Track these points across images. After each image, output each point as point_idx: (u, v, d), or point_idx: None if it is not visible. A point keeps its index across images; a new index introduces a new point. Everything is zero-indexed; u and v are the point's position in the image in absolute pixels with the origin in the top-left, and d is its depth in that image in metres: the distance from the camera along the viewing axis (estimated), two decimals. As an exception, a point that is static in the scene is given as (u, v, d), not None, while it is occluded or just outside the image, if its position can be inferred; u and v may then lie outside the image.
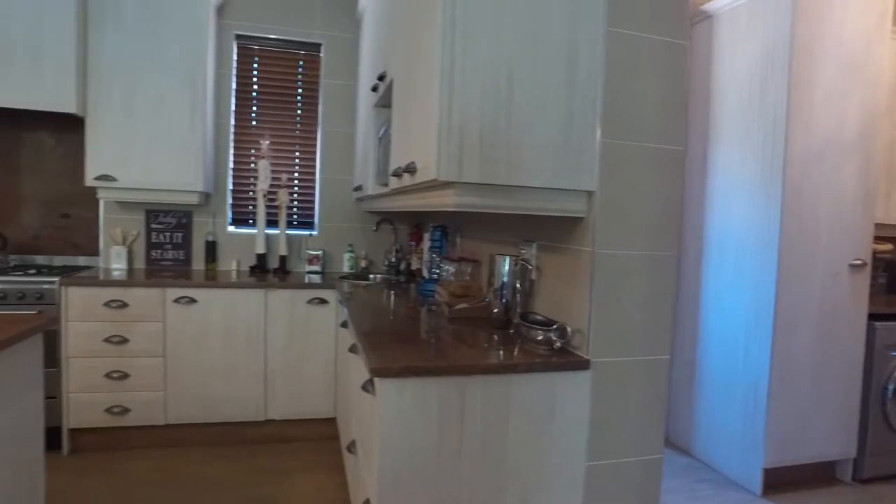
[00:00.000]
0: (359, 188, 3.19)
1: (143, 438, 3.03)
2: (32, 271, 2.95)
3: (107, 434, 2.99)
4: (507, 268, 1.98)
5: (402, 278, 3.43)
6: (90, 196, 3.38)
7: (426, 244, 3.07)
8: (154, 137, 3.13)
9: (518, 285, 1.98)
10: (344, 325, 2.47)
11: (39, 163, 3.37)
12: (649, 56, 1.65)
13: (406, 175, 1.84)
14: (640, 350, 1.69)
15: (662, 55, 1.66)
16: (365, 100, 3.15)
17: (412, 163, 1.74)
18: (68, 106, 2.94)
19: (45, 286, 2.83)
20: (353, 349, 2.04)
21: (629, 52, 1.63)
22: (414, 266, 3.50)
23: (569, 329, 1.70)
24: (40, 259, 3.36)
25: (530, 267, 1.98)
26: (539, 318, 1.88)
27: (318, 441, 3.20)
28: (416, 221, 3.71)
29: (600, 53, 1.61)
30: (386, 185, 2.43)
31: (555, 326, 1.72)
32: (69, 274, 2.96)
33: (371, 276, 3.56)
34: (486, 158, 1.53)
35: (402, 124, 2.00)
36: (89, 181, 3.08)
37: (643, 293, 1.68)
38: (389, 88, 2.34)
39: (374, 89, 2.62)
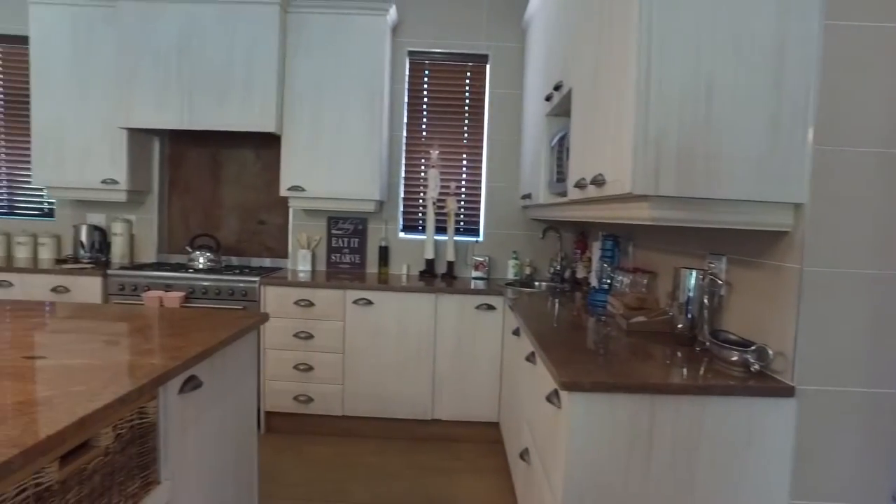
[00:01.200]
0: (527, 196, 3.22)
1: (324, 426, 3.31)
2: (237, 271, 3.37)
3: (294, 419, 3.31)
4: (693, 282, 1.88)
5: (568, 287, 3.39)
6: (281, 204, 3.78)
7: (595, 253, 3.01)
8: (337, 151, 3.42)
9: (705, 301, 1.87)
10: (516, 332, 2.51)
11: (242, 176, 3.83)
12: (876, 48, 1.47)
13: (591, 187, 1.82)
14: (859, 381, 1.51)
15: (893, 46, 1.47)
16: (534, 109, 3.17)
17: (600, 175, 1.72)
18: (269, 126, 3.31)
19: (249, 285, 3.22)
20: (530, 358, 2.06)
21: (851, 46, 1.47)
22: (579, 274, 3.45)
23: (770, 351, 1.57)
24: (239, 260, 3.83)
25: (720, 282, 1.86)
26: (732, 337, 1.76)
27: (481, 444, 3.28)
28: (582, 229, 3.65)
29: (814, 51, 1.47)
30: (562, 194, 2.42)
31: (753, 347, 1.60)
32: (266, 274, 3.34)
33: (536, 283, 3.57)
34: (684, 170, 1.46)
35: (584, 134, 1.98)
36: (283, 192, 3.45)
37: (863, 317, 1.50)
38: (566, 98, 2.33)
39: (548, 98, 2.62)
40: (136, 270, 3.31)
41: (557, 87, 2.41)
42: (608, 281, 2.81)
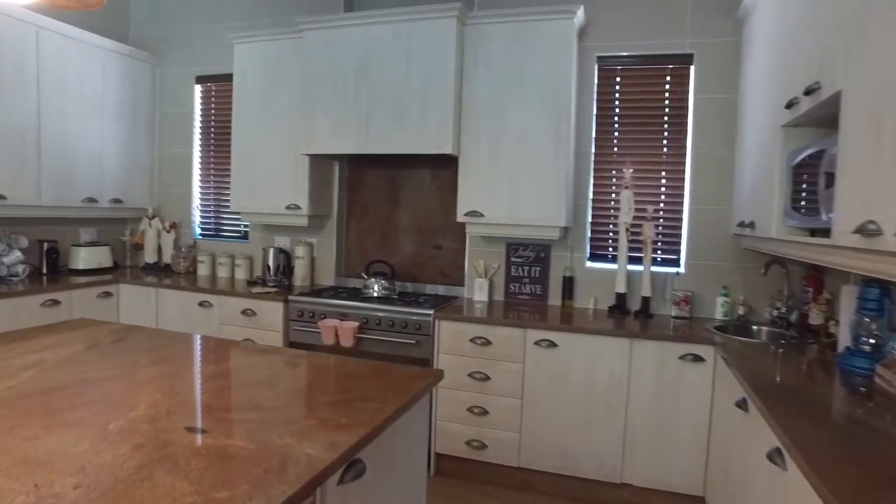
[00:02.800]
0: (748, 225, 2.61)
1: (497, 475, 3.01)
2: (411, 300, 3.21)
3: (466, 465, 3.05)
4: None
5: (796, 336, 2.71)
6: (458, 228, 3.57)
7: (847, 301, 2.31)
8: (518, 173, 3.10)
9: None
10: (741, 405, 1.97)
11: (418, 198, 3.70)
12: None
13: (893, 238, 1.26)
14: None
15: None
16: (760, 117, 2.56)
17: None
18: (446, 147, 3.10)
19: (423, 318, 3.03)
20: (775, 458, 1.53)
21: None
22: (813, 321, 2.73)
23: None
24: (414, 286, 3.68)
25: None
26: None
27: (683, 521, 2.73)
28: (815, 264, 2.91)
29: None
30: (811, 231, 1.83)
31: None
32: (440, 306, 3.13)
33: (753, 327, 2.92)
34: None
35: (872, 158, 1.42)
36: (460, 217, 3.22)
37: None
38: (826, 104, 1.76)
39: (790, 105, 2.04)
40: (314, 297, 3.30)
41: (809, 91, 1.83)
42: (871, 342, 2.12)
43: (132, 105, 4.16)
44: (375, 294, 3.36)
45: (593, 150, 3.34)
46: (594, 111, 3.33)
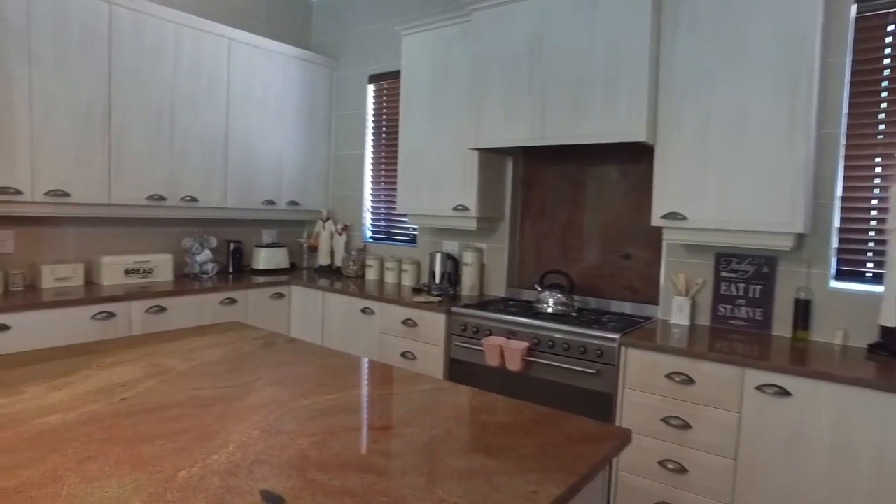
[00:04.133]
0: None
1: (700, 552, 2.32)
2: (592, 318, 2.66)
3: (657, 532, 2.41)
4: None
5: None
6: (651, 235, 2.93)
7: None
8: (733, 164, 2.40)
9: None
10: None
11: (602, 198, 3.13)
12: None
13: None
14: None
15: None
16: None
17: None
18: (638, 134, 2.51)
19: (606, 343, 2.47)
20: None
21: None
22: None
23: None
24: (597, 303, 3.11)
25: None
26: None
27: None
28: None
29: None
30: None
31: None
32: (628, 330, 2.53)
33: None
34: None
35: None
36: (655, 220, 2.60)
37: None
38: None
39: None
40: (480, 311, 2.91)
41: None
42: None
43: (310, 109, 4.19)
44: (550, 310, 2.87)
45: (844, 131, 2.49)
46: (846, 77, 2.48)
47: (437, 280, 3.49)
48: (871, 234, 2.45)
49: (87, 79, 3.02)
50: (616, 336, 2.44)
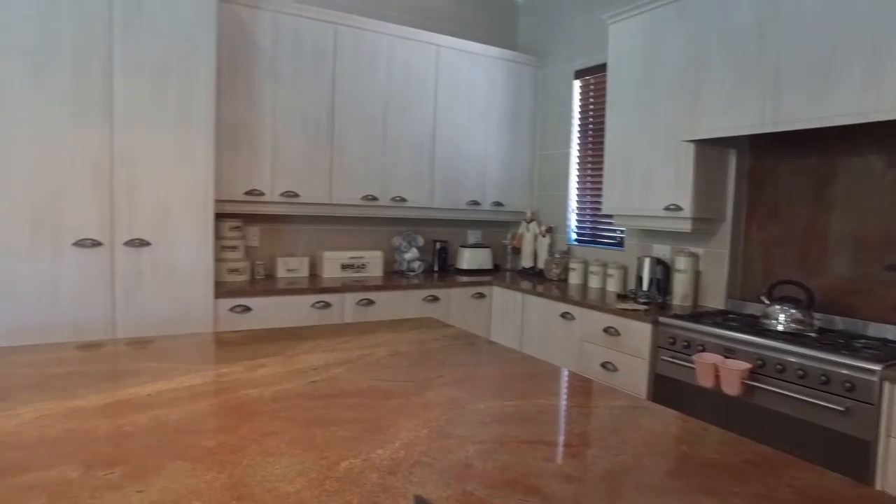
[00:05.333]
0: None
1: None
2: (840, 342, 2.16)
3: None
4: None
5: None
6: (931, 241, 2.30)
7: None
8: None
9: None
10: None
11: (859, 195, 2.54)
12: None
13: None
14: None
15: None
16: None
17: None
18: (915, 110, 1.97)
19: (859, 376, 1.98)
20: None
21: None
22: None
23: None
24: (844, 322, 2.54)
25: None
26: None
27: None
28: None
29: None
30: None
31: None
32: (892, 362, 2.00)
33: None
34: None
35: None
36: (937, 220, 2.02)
37: None
38: None
39: None
40: (692, 323, 2.56)
41: None
42: None
43: (514, 109, 4.17)
44: (780, 327, 2.41)
45: None
46: None
47: (645, 287, 3.19)
48: None
49: (315, 92, 3.36)
50: (877, 367, 1.94)
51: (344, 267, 3.59)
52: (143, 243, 2.67)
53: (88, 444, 1.04)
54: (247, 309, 2.96)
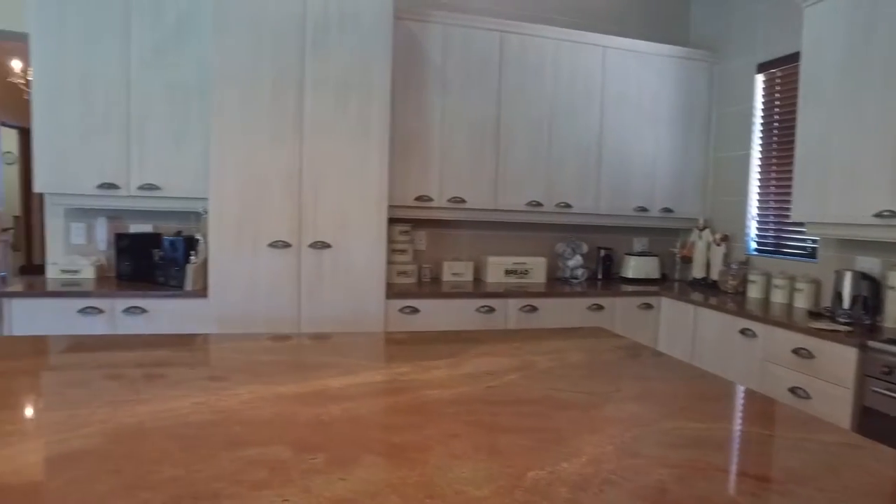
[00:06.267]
0: None
1: None
2: None
3: None
4: None
5: None
6: None
7: None
8: None
9: None
10: None
11: None
12: None
13: None
14: None
15: None
16: None
17: None
18: None
19: None
20: None
21: None
22: None
23: None
24: None
25: None
26: None
27: None
28: None
29: None
30: None
31: None
32: None
33: None
34: None
35: None
36: None
37: None
38: None
39: None
40: (912, 348, 2.19)
41: None
42: None
43: (686, 109, 3.90)
44: None
45: None
46: None
47: (846, 305, 2.80)
48: None
49: (482, 100, 3.43)
50: None
51: (507, 272, 3.61)
52: (324, 245, 2.91)
53: (293, 428, 1.14)
54: (415, 310, 3.10)
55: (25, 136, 8.69)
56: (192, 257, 2.89)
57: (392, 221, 3.30)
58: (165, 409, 1.21)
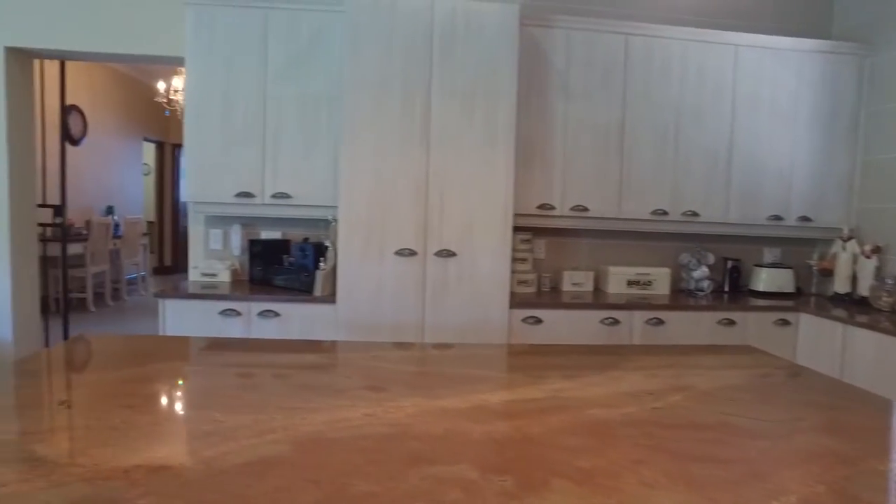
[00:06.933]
0: None
1: None
2: None
3: None
4: None
5: None
6: None
7: None
8: None
9: None
10: None
11: None
12: None
13: None
14: None
15: None
16: None
17: None
18: None
19: None
20: None
21: None
22: None
23: None
24: None
25: None
26: None
27: None
28: None
29: None
30: None
31: None
32: None
33: None
34: None
35: None
36: None
37: None
38: None
39: None
40: None
41: None
42: None
43: (829, 108, 3.58)
44: None
45: None
46: None
47: None
48: None
49: (605, 105, 3.32)
50: None
51: (630, 283, 3.47)
52: (449, 254, 2.92)
53: (469, 446, 1.12)
54: (538, 320, 3.04)
55: (161, 149, 9.50)
56: (321, 264, 2.99)
57: (513, 230, 3.26)
58: (339, 420, 1.23)
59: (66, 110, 5.86)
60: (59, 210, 5.04)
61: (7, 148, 3.38)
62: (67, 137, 6.26)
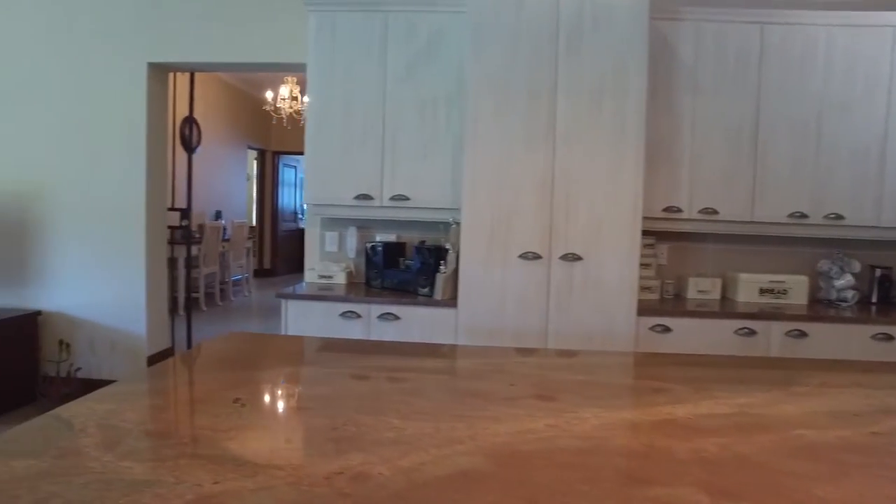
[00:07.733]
0: None
1: None
2: None
3: None
4: None
5: None
6: None
7: None
8: None
9: None
10: None
11: None
12: None
13: None
14: None
15: None
16: None
17: None
18: None
19: None
20: None
21: None
22: None
23: None
24: None
25: None
26: None
27: None
28: None
29: None
30: None
31: None
32: None
33: None
34: None
35: None
36: None
37: None
38: None
39: None
40: None
41: None
42: None
43: None
44: None
45: None
46: None
47: None
48: None
49: (738, 101, 3.10)
50: None
51: (762, 291, 3.21)
52: (575, 258, 2.80)
53: (680, 464, 1.02)
54: (666, 329, 2.86)
55: (262, 157, 9.95)
56: (441, 267, 2.96)
57: (636, 233, 3.10)
58: (525, 431, 1.16)
59: (188, 120, 6.22)
60: (185, 213, 5.34)
61: (146, 156, 3.60)
62: (187, 146, 6.66)
